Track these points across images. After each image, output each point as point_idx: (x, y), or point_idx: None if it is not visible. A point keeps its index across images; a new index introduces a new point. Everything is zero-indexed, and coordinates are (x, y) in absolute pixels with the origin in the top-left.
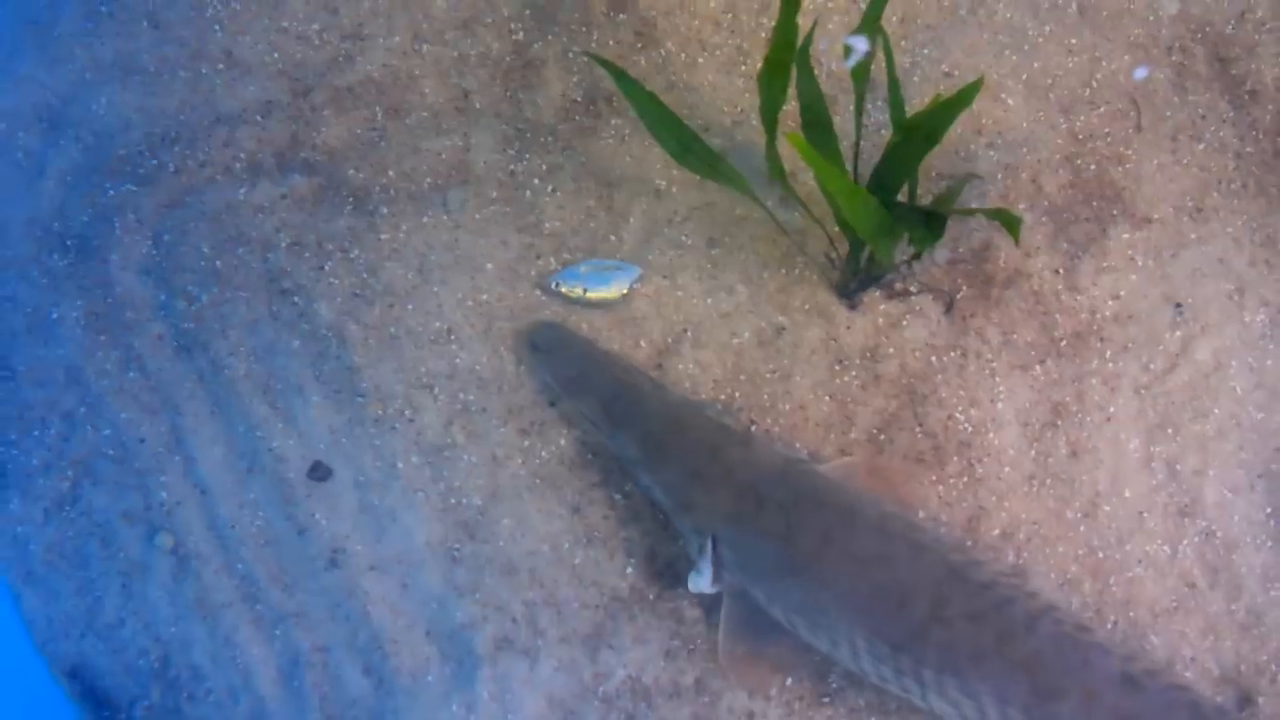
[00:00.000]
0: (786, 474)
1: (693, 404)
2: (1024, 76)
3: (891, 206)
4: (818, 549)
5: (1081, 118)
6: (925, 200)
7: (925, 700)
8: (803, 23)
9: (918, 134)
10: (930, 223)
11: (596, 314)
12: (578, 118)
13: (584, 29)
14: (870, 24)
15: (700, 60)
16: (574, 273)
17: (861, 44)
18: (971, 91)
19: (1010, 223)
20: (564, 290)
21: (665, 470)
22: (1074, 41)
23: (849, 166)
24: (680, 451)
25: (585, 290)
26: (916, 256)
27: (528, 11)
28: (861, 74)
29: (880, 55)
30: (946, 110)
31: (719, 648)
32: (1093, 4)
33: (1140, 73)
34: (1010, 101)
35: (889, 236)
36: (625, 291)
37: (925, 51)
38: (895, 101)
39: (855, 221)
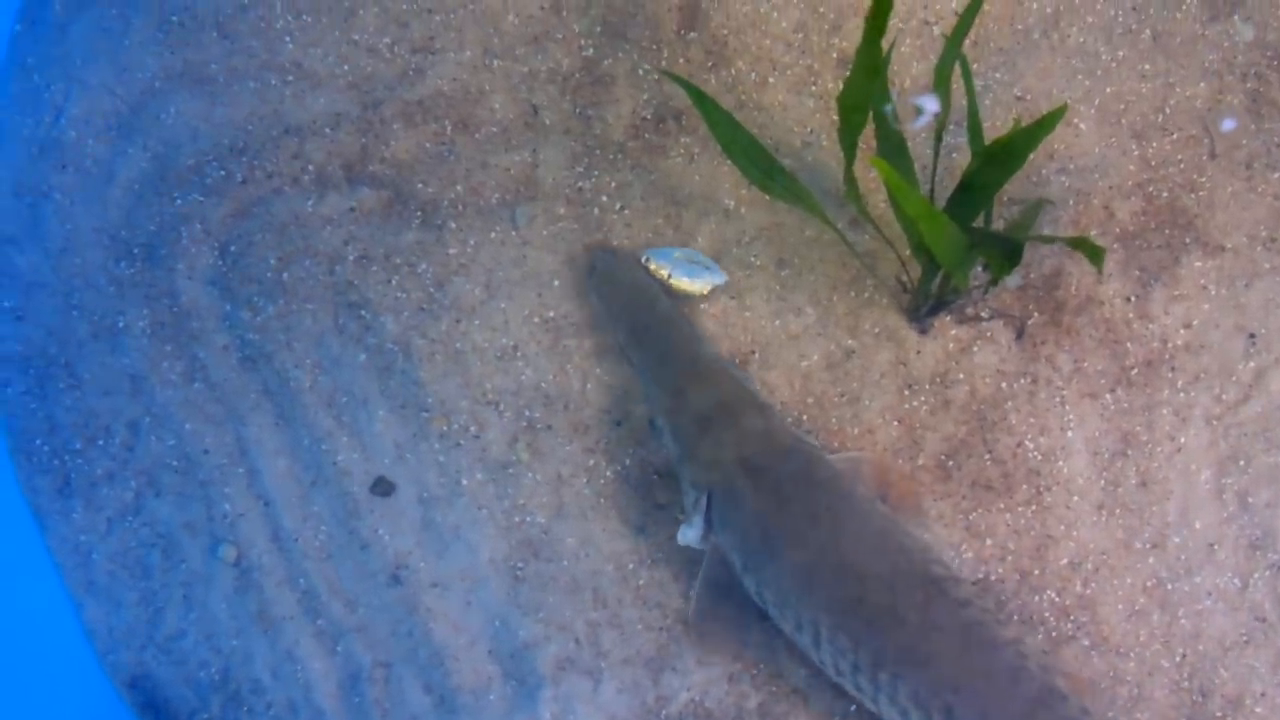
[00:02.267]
0: (793, 452)
1: (723, 362)
2: (1096, 101)
3: (968, 232)
4: (801, 531)
5: (1154, 144)
6: (999, 225)
7: (876, 703)
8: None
9: (997, 161)
10: (1008, 249)
11: None
12: (647, 135)
13: (654, 46)
14: (952, 51)
15: (771, 80)
16: (667, 254)
17: (931, 103)
18: (1054, 119)
19: (1094, 253)
20: (651, 267)
21: (679, 416)
22: (1147, 67)
23: (924, 192)
24: (698, 402)
25: (670, 275)
26: (993, 283)
27: (598, 28)
28: (942, 100)
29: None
30: (1027, 137)
31: (691, 604)
32: (1166, 30)
33: (1228, 124)
34: (1082, 126)
35: (966, 262)
36: (706, 291)
37: (997, 75)
38: (974, 128)
39: (935, 247)
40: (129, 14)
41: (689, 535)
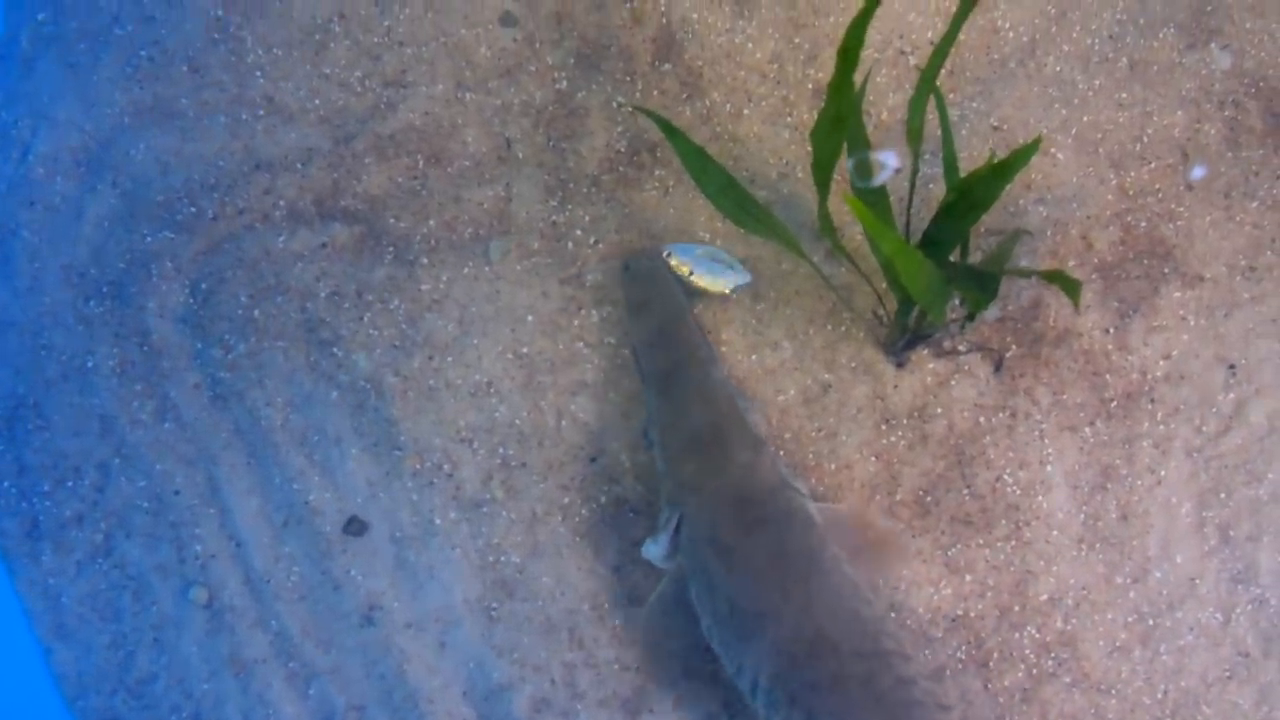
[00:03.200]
0: (773, 494)
1: (732, 388)
2: (1073, 131)
3: (944, 267)
4: (759, 578)
5: (1132, 173)
6: (975, 257)
7: None
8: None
9: (973, 194)
10: (985, 284)
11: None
12: (621, 168)
13: (628, 78)
14: (926, 85)
15: (746, 111)
16: (689, 250)
17: (892, 160)
18: (1029, 152)
19: (1070, 287)
20: (673, 263)
21: (673, 432)
22: (1124, 96)
23: (900, 224)
24: (694, 423)
25: (691, 271)
26: (970, 318)
27: (572, 60)
28: (915, 135)
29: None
30: (1002, 171)
31: (642, 620)
32: (1143, 58)
33: (1198, 172)
34: (1060, 156)
35: (942, 298)
36: (729, 290)
37: (974, 104)
38: (949, 161)
39: (910, 283)
40: (97, 49)
41: (653, 551)
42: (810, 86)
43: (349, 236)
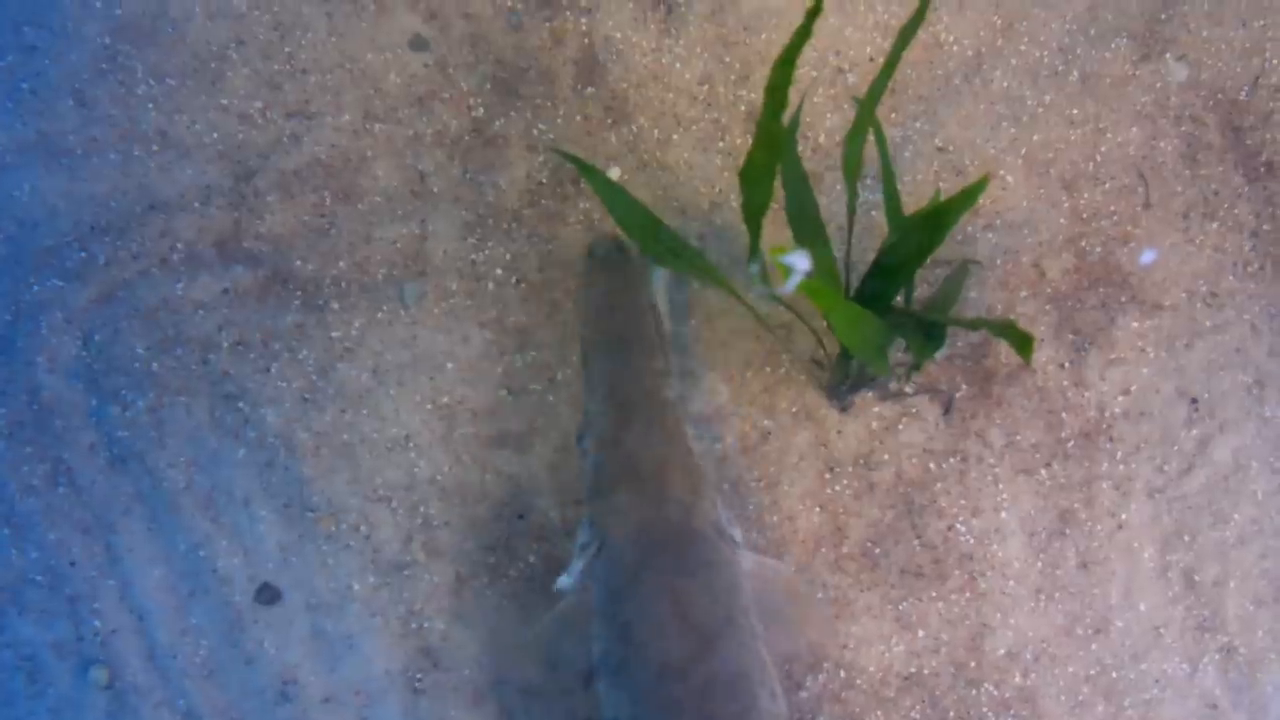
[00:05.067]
0: (705, 544)
1: (679, 413)
2: (1023, 151)
3: (887, 314)
4: (662, 633)
5: (1085, 195)
6: (922, 291)
7: None
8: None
9: (917, 234)
10: (931, 333)
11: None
12: (543, 201)
13: (549, 104)
14: (865, 116)
15: (675, 137)
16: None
17: (803, 262)
18: (978, 189)
19: (1021, 343)
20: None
21: (611, 449)
22: (1075, 112)
23: (838, 257)
24: (636, 445)
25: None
26: (916, 367)
27: (488, 86)
28: (853, 170)
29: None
30: (949, 210)
31: (539, 629)
32: (1095, 71)
33: (1147, 257)
34: (1009, 179)
35: (885, 350)
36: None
37: (917, 124)
38: (891, 199)
39: (850, 341)
40: None
41: (565, 581)
42: (743, 109)
43: (253, 281)
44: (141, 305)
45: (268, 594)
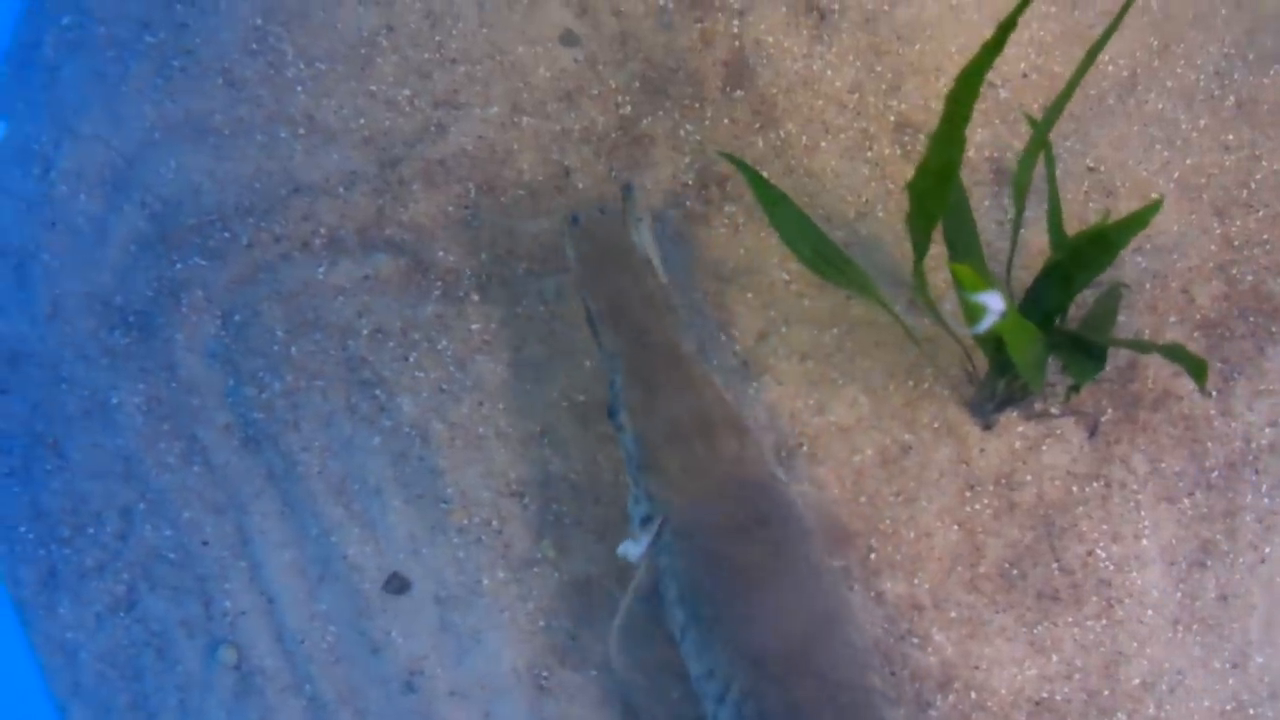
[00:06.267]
0: (766, 492)
1: (702, 365)
2: (1175, 174)
3: (1048, 334)
4: (752, 585)
5: (1238, 221)
6: (1070, 311)
7: None
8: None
9: (1082, 258)
10: (1093, 355)
11: None
12: (688, 203)
13: (697, 105)
14: (1038, 140)
15: (823, 144)
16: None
17: (997, 302)
18: (1149, 213)
19: (1195, 368)
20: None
21: (649, 418)
22: (1230, 137)
23: (997, 273)
24: (673, 408)
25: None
26: (1074, 389)
27: (637, 84)
28: (1022, 192)
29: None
30: (1119, 231)
31: (618, 616)
32: (1252, 97)
33: None
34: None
35: (1044, 368)
36: None
37: (1068, 143)
38: (1054, 220)
39: (1018, 356)
40: (126, 58)
41: (633, 553)
42: (892, 119)
43: (394, 269)
44: (282, 288)
45: (397, 583)
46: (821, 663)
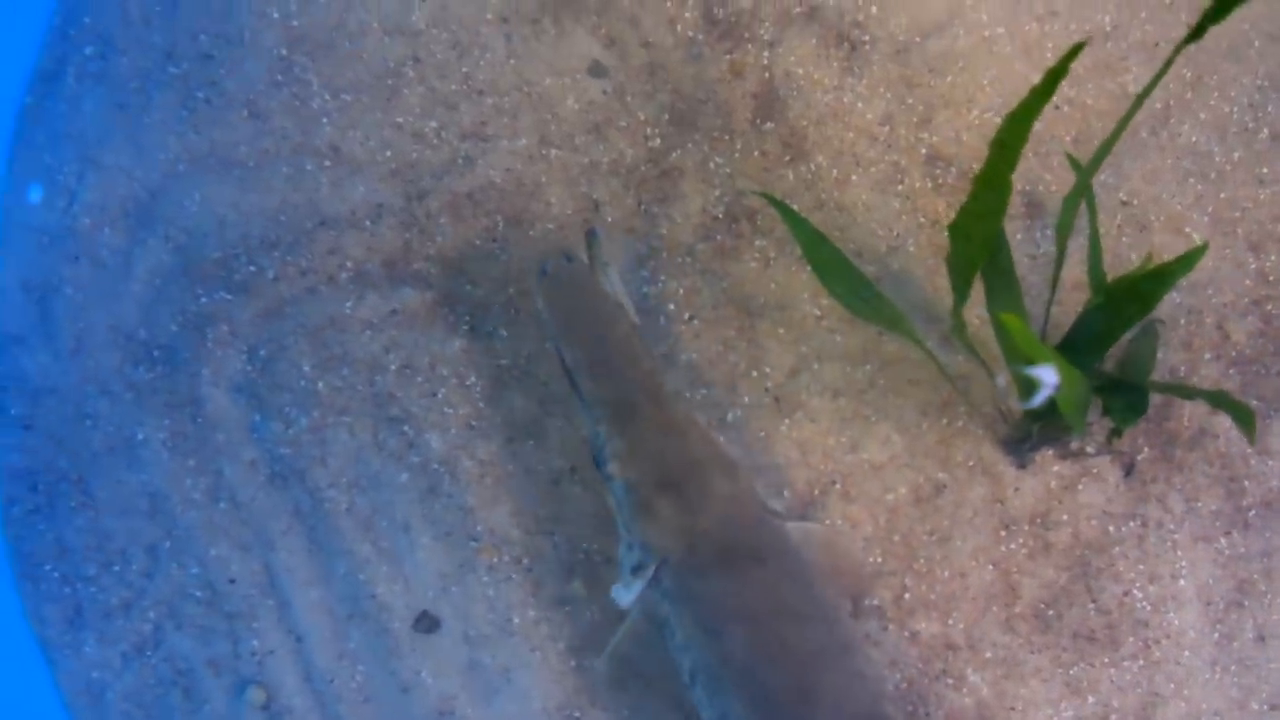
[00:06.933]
0: (762, 530)
1: (683, 406)
2: (1209, 208)
3: (1090, 374)
4: (758, 624)
5: (1273, 257)
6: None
7: None
8: None
9: (1125, 302)
10: (1135, 399)
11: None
12: (718, 236)
13: (727, 137)
14: (1084, 183)
15: (854, 177)
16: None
17: (1051, 376)
18: (1195, 257)
19: (1242, 416)
20: (602, 247)
21: (638, 466)
22: (1265, 170)
23: (1037, 324)
24: (663, 455)
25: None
26: (1118, 433)
27: (666, 116)
28: (1066, 229)
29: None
30: (1162, 279)
31: (606, 655)
32: None
33: None
34: (1195, 236)
35: (1087, 411)
36: None
37: (1102, 177)
38: (1095, 263)
39: (1064, 402)
40: (149, 89)
41: (625, 598)
42: (924, 152)
43: (421, 303)
44: (308, 322)
45: (426, 622)
46: (834, 697)
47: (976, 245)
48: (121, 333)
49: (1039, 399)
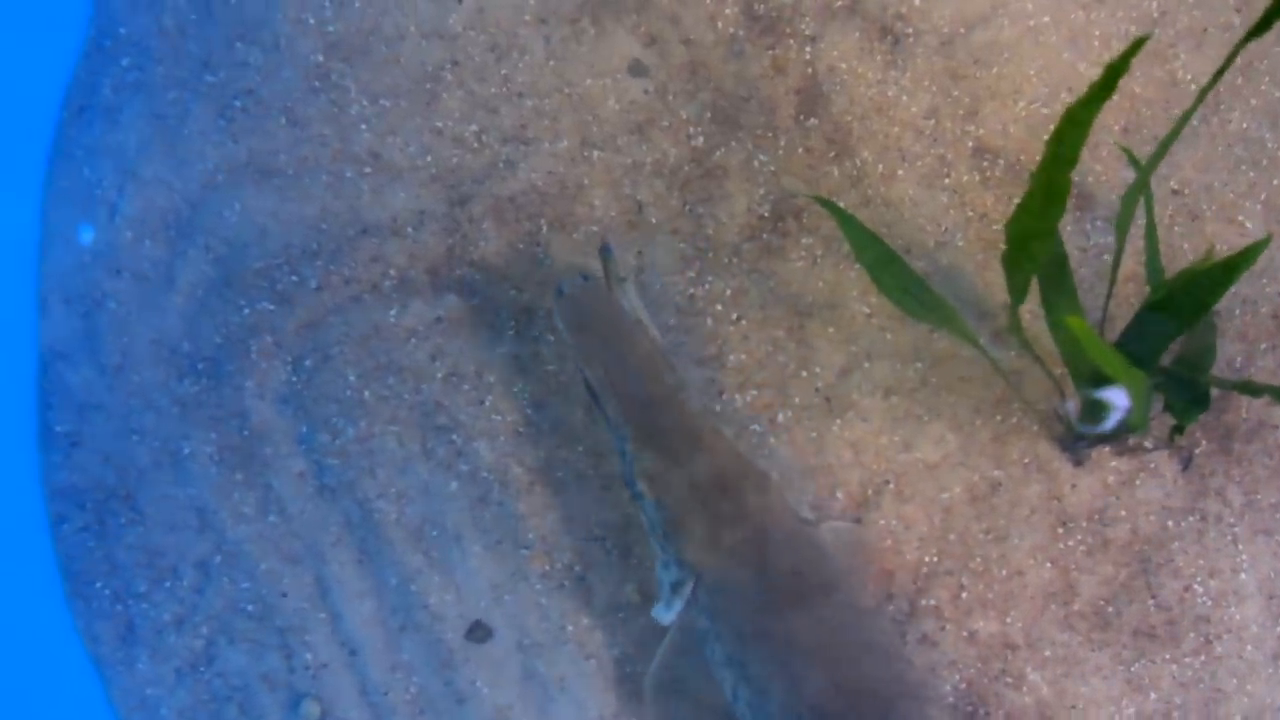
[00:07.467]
0: (794, 537)
1: (711, 420)
2: (1262, 196)
3: (1150, 370)
4: (802, 632)
5: None
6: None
7: None
8: None
9: (1185, 298)
10: (1197, 396)
11: (783, 463)
12: (764, 236)
13: (770, 134)
14: (1143, 179)
15: (900, 172)
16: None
17: (1122, 399)
18: (1257, 250)
19: None
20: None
21: (669, 484)
22: None
23: (1094, 319)
24: (694, 471)
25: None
26: (1179, 429)
27: (708, 114)
28: (1124, 228)
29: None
30: (1227, 274)
31: (651, 672)
32: None
33: None
34: (1248, 225)
35: (1149, 408)
36: None
37: None
38: (1153, 256)
39: (1132, 416)
40: (186, 99)
41: (666, 616)
42: (970, 144)
43: (465, 310)
44: (353, 331)
45: (479, 632)
46: (880, 705)
47: (1034, 245)
48: (165, 346)
49: (1111, 423)
